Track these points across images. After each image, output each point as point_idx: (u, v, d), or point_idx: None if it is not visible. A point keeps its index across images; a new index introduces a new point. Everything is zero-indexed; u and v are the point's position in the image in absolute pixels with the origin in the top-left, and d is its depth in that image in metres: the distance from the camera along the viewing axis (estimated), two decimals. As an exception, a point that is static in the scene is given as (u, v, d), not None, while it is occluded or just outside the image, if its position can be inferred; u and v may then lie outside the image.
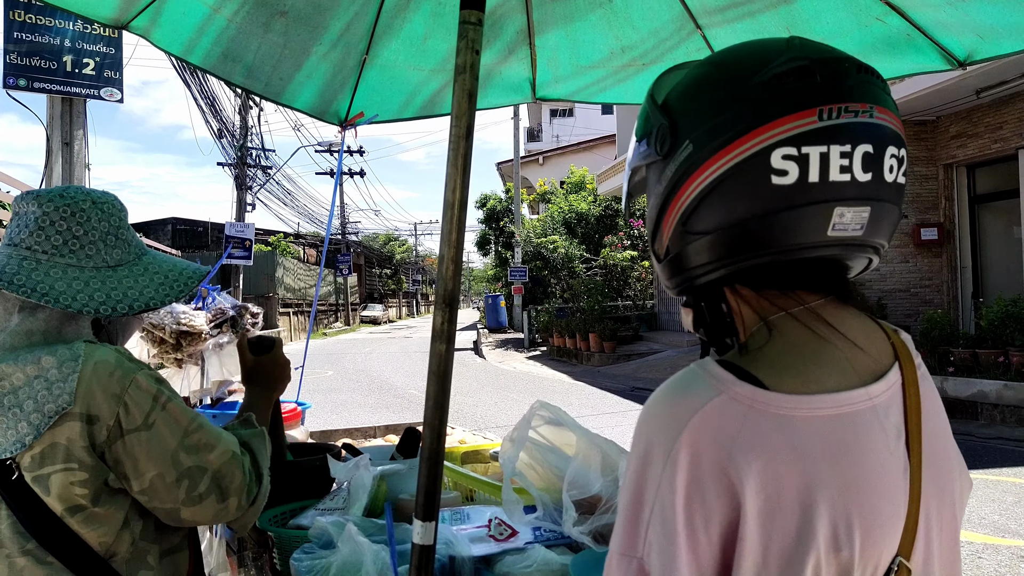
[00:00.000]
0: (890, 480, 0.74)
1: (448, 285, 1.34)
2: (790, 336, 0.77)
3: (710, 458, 0.69)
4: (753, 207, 0.73)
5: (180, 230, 33.68)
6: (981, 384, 8.89)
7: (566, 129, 37.14)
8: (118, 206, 1.35)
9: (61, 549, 1.18)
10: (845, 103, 0.72)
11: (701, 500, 0.69)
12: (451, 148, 1.34)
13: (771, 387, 0.72)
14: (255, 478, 1.36)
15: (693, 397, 0.73)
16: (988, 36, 1.74)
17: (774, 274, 0.79)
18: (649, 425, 0.75)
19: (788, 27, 1.93)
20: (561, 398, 11.76)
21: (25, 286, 1.20)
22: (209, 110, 19.86)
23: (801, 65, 0.73)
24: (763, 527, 0.68)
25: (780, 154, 0.71)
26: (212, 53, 2.14)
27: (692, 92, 0.80)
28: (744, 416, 0.71)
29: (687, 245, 0.79)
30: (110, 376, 1.20)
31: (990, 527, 5.18)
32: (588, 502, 1.58)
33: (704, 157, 0.75)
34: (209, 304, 3.29)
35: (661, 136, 0.80)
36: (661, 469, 0.71)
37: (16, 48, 6.10)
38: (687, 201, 0.77)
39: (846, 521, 0.69)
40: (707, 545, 0.69)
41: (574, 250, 22.23)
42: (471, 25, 1.34)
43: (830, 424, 0.72)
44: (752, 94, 0.74)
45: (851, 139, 0.71)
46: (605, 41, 2.20)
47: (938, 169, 12.12)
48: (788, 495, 0.69)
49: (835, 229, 0.73)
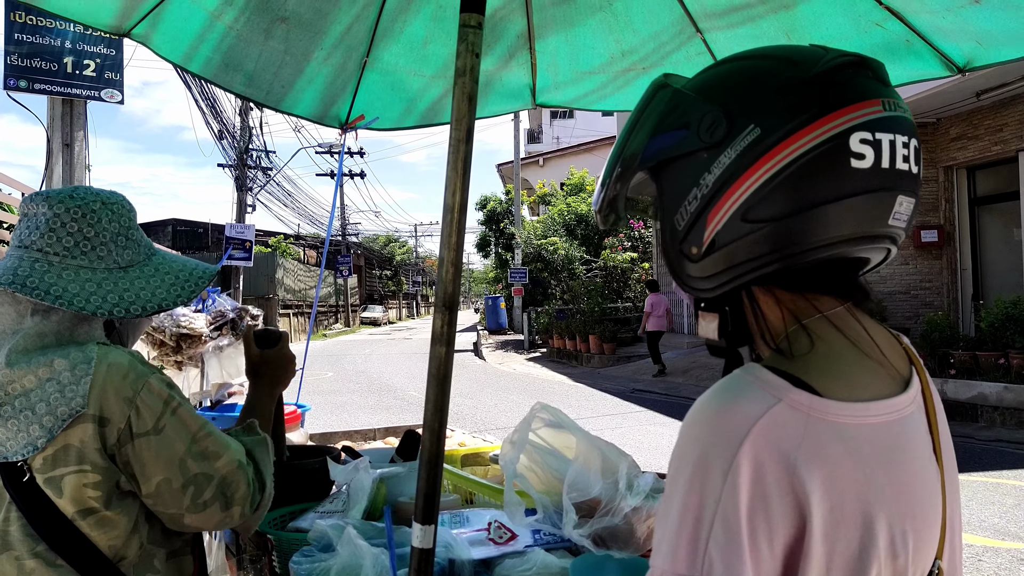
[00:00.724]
0: (931, 485, 0.75)
1: (448, 288, 1.34)
2: (832, 342, 0.76)
3: (774, 470, 0.67)
4: (830, 189, 0.70)
5: (180, 231, 33.68)
6: (981, 386, 8.89)
7: (566, 131, 37.16)
8: (127, 206, 1.35)
9: (71, 552, 1.18)
10: (895, 99, 0.74)
11: (766, 513, 0.67)
12: (451, 151, 1.34)
13: (824, 394, 0.70)
14: (258, 487, 1.36)
15: (749, 405, 0.69)
16: (987, 43, 1.74)
17: (810, 275, 0.77)
18: (701, 435, 0.70)
19: (788, 32, 1.93)
20: (561, 400, 11.75)
21: (39, 288, 1.20)
22: (210, 111, 19.87)
23: (856, 60, 0.74)
24: (827, 538, 0.67)
25: (858, 137, 0.71)
26: (212, 61, 2.14)
27: (744, 80, 0.77)
28: (805, 425, 0.68)
29: (744, 236, 0.74)
30: (123, 379, 1.20)
31: (990, 530, 5.18)
32: (588, 505, 1.57)
33: (778, 139, 0.71)
34: (209, 306, 3.29)
35: (711, 124, 0.75)
36: (722, 482, 0.67)
37: (17, 49, 6.10)
38: (754, 186, 0.72)
39: (901, 528, 0.70)
40: (770, 559, 0.67)
41: (574, 252, 22.23)
42: (471, 28, 1.34)
43: (881, 431, 0.71)
44: (819, 80, 0.73)
45: (906, 131, 0.73)
46: (605, 45, 2.20)
47: (938, 171, 12.12)
48: (850, 505, 0.68)
49: (895, 218, 0.73)
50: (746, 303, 0.81)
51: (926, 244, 12.05)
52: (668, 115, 0.80)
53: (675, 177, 0.79)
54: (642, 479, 1.57)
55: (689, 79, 0.83)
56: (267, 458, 1.43)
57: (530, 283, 23.45)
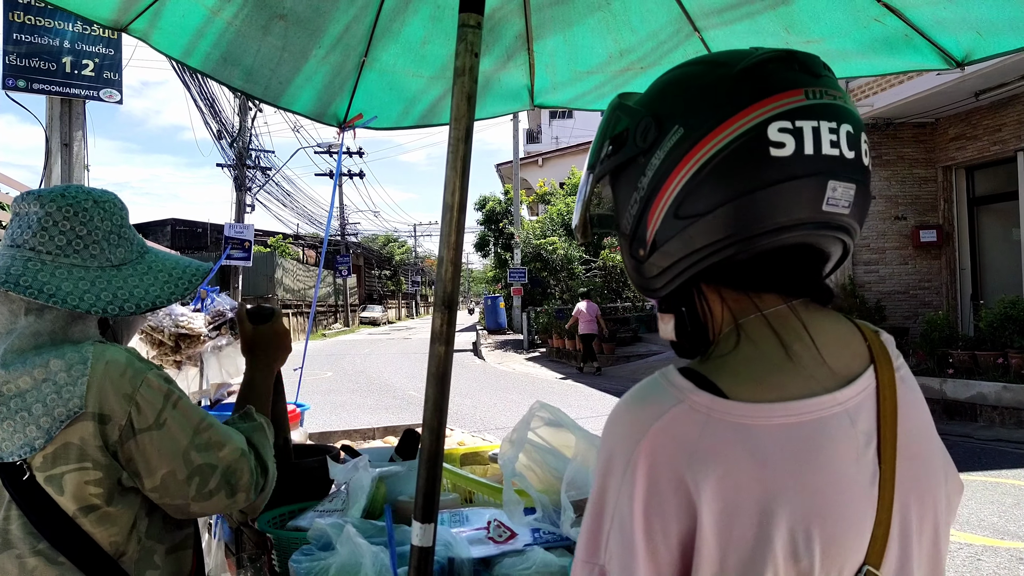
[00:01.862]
0: (855, 487, 0.72)
1: (447, 287, 1.34)
2: (758, 342, 0.77)
3: (668, 467, 0.70)
4: (752, 179, 0.73)
5: (179, 231, 33.65)
6: (980, 386, 8.90)
7: (565, 131, 37.15)
8: (119, 205, 1.35)
9: (72, 549, 1.19)
10: (823, 88, 0.75)
11: (659, 509, 0.70)
12: (450, 151, 1.34)
13: (730, 395, 0.72)
14: (261, 471, 1.37)
15: (653, 405, 0.73)
16: (987, 32, 1.74)
17: (756, 271, 0.78)
18: (611, 433, 0.76)
19: (787, 28, 1.93)
20: (560, 399, 11.76)
21: (32, 287, 1.20)
22: (208, 111, 19.87)
23: (781, 55, 0.77)
24: (720, 536, 0.68)
25: (776, 127, 0.73)
26: (211, 56, 2.14)
27: (673, 86, 0.81)
28: (703, 425, 0.71)
29: (680, 232, 0.77)
30: (121, 376, 1.20)
31: (989, 529, 5.18)
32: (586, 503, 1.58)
33: (699, 136, 0.75)
34: (208, 306, 3.29)
35: (643, 129, 0.79)
36: (621, 477, 0.72)
37: (15, 49, 6.10)
38: (681, 183, 0.76)
39: (805, 530, 0.69)
40: (666, 553, 0.70)
41: (573, 251, 22.23)
42: (470, 28, 1.35)
43: (790, 432, 0.71)
44: (740, 76, 0.76)
45: (835, 118, 0.74)
46: (603, 45, 2.20)
47: (937, 171, 12.14)
48: (746, 504, 0.68)
49: (828, 204, 0.74)
50: (697, 302, 0.83)
51: (925, 244, 12.06)
52: (613, 128, 0.84)
53: (621, 184, 0.84)
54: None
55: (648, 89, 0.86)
56: (266, 442, 1.44)
57: (529, 283, 23.47)
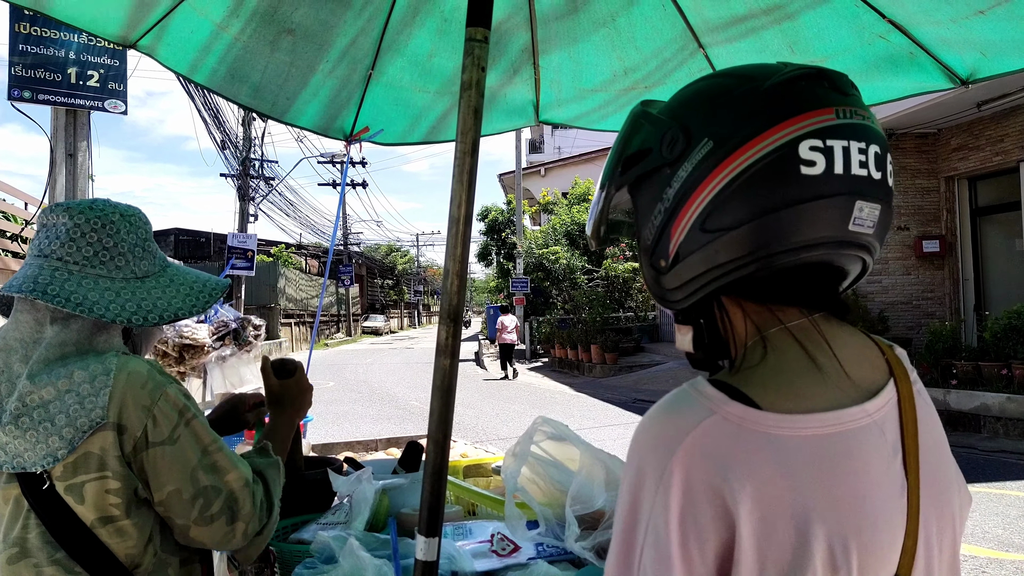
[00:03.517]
0: (887, 498, 0.73)
1: (453, 300, 1.34)
2: (785, 353, 0.77)
3: (703, 480, 0.69)
4: (782, 196, 0.73)
5: (183, 240, 33.71)
6: (984, 397, 8.87)
7: (568, 141, 37.22)
8: (144, 219, 1.39)
9: (89, 560, 1.20)
10: (853, 107, 0.76)
11: (695, 523, 0.68)
12: (456, 164, 1.35)
13: (763, 406, 0.72)
14: (266, 508, 1.37)
15: (684, 418, 0.72)
16: (991, 53, 1.75)
17: (777, 285, 0.78)
18: (641, 447, 0.74)
19: (791, 45, 1.94)
20: (562, 410, 11.74)
21: (59, 296, 1.22)
22: (212, 121, 19.94)
23: (811, 72, 0.77)
24: (758, 549, 0.68)
25: (808, 145, 0.73)
26: (218, 72, 2.15)
27: (702, 98, 0.81)
28: (736, 436, 0.70)
29: (704, 245, 0.76)
30: (142, 388, 1.22)
31: (994, 541, 5.15)
32: (591, 517, 1.57)
33: (729, 150, 0.74)
34: (211, 316, 3.30)
35: (671, 140, 0.79)
36: (654, 492, 0.70)
37: (21, 60, 6.13)
38: (709, 196, 0.75)
39: (842, 541, 0.69)
40: (702, 567, 0.68)
41: (576, 261, 22.24)
42: (477, 43, 1.35)
43: (823, 443, 0.71)
44: (771, 92, 0.76)
45: (864, 138, 0.75)
46: (608, 63, 2.21)
47: (940, 181, 12.13)
48: (782, 516, 0.68)
49: (855, 223, 0.74)
50: (717, 314, 0.83)
51: (928, 254, 12.05)
52: (637, 136, 0.84)
53: (644, 194, 0.84)
54: (646, 491, 1.56)
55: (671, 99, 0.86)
56: (277, 480, 1.44)
57: (532, 292, 23.46)
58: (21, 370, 1.21)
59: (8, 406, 1.18)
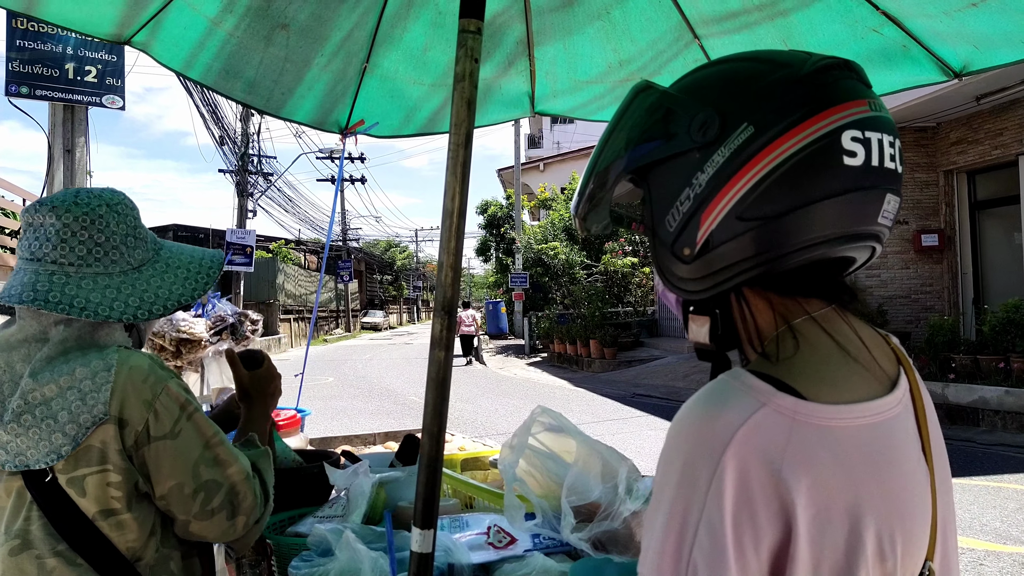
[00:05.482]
0: (919, 486, 0.74)
1: (447, 292, 1.34)
2: (817, 343, 0.76)
3: (758, 475, 0.66)
4: (825, 186, 0.71)
5: (182, 236, 33.57)
6: (982, 390, 8.87)
7: (566, 136, 37.16)
8: (130, 205, 1.36)
9: (91, 552, 1.20)
10: (876, 100, 0.75)
11: (751, 519, 0.66)
12: (450, 156, 1.35)
13: (809, 397, 0.70)
14: (263, 499, 1.38)
15: (733, 411, 0.69)
16: (983, 46, 1.75)
17: (799, 276, 0.77)
18: (687, 441, 0.70)
19: (784, 39, 1.94)
20: (561, 404, 11.74)
21: (62, 302, 1.21)
22: (211, 117, 19.90)
23: (840, 62, 0.76)
24: (814, 543, 0.66)
25: (850, 136, 0.71)
26: (212, 68, 2.14)
27: (735, 82, 0.77)
28: (789, 429, 0.68)
29: (739, 235, 0.73)
30: (143, 382, 1.22)
31: (992, 534, 5.17)
32: (587, 509, 1.57)
33: (772, 137, 0.72)
34: (209, 311, 3.30)
35: (702, 124, 0.74)
36: (706, 488, 0.67)
37: (19, 56, 6.11)
38: (749, 184, 0.72)
39: (889, 531, 0.69)
40: (756, 564, 0.66)
41: (575, 256, 22.23)
42: (470, 34, 1.35)
43: (867, 433, 0.71)
44: (809, 80, 0.74)
45: (891, 131, 0.74)
46: (603, 55, 2.21)
47: (938, 175, 12.13)
48: (837, 509, 0.67)
49: (883, 216, 0.74)
50: (735, 306, 0.80)
51: (927, 248, 12.06)
52: (655, 117, 0.79)
53: (665, 179, 0.78)
54: (642, 483, 1.57)
55: (674, 82, 0.82)
56: (269, 470, 1.45)
57: (531, 288, 23.46)
58: (23, 369, 1.21)
59: (10, 405, 1.18)
